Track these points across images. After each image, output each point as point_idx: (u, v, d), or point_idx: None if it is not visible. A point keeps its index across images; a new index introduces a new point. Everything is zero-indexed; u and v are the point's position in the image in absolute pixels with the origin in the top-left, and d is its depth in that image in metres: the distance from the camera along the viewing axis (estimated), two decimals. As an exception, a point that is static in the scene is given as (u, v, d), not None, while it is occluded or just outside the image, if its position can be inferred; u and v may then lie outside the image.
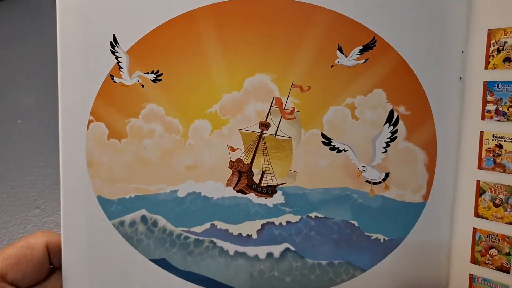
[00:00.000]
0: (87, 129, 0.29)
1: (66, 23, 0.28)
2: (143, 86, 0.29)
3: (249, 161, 0.30)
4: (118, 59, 0.29)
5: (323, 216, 0.29)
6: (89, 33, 0.29)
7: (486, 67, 0.28)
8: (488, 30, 0.28)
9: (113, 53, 0.29)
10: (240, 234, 0.29)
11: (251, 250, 0.29)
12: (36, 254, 0.28)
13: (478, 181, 0.29)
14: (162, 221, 0.30)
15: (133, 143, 0.29)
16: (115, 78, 0.29)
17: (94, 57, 0.29)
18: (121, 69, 0.29)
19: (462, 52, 0.28)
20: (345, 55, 0.29)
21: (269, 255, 0.30)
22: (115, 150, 0.29)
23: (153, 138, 0.29)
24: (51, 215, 0.46)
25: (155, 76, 0.29)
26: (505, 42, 0.27)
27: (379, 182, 0.29)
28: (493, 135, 0.28)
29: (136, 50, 0.29)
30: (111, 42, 0.29)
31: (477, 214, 0.29)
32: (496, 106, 0.28)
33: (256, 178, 0.30)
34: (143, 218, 0.30)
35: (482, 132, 0.28)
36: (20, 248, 0.28)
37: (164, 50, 0.29)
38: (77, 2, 0.28)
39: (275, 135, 0.30)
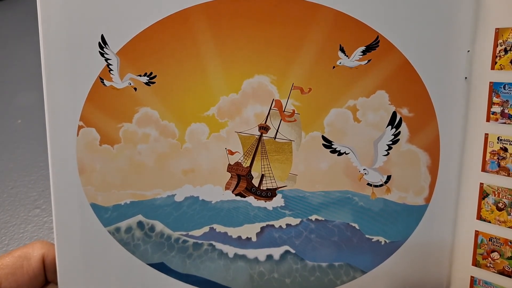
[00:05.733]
0: (77, 135, 0.27)
1: (49, 23, 0.26)
2: (135, 89, 0.27)
3: (248, 165, 0.28)
4: (108, 61, 0.26)
5: (323, 219, 0.28)
6: (74, 33, 0.26)
7: (492, 68, 0.26)
8: (496, 29, 0.25)
9: (102, 54, 0.26)
10: (239, 237, 0.28)
11: (250, 253, 0.28)
12: (32, 265, 0.27)
13: (481, 184, 0.27)
14: (159, 226, 0.28)
15: (127, 148, 0.27)
16: (105, 81, 0.27)
17: (81, 59, 0.26)
18: (111, 71, 0.26)
19: (468, 51, 0.26)
20: (347, 56, 0.26)
21: (269, 257, 0.28)
22: (108, 156, 0.27)
23: (148, 143, 0.27)
24: (51, 215, 0.44)
25: (148, 78, 0.27)
26: (513, 42, 0.25)
27: (381, 185, 0.28)
28: (498, 138, 0.26)
29: (127, 51, 0.26)
30: (99, 43, 0.26)
31: (479, 217, 0.27)
32: (502, 108, 0.26)
33: (255, 182, 0.28)
34: (140, 224, 0.28)
35: (486, 135, 0.26)
36: (17, 258, 0.27)
37: (157, 51, 0.26)
38: (60, 0, 0.26)
39: (275, 138, 0.28)
